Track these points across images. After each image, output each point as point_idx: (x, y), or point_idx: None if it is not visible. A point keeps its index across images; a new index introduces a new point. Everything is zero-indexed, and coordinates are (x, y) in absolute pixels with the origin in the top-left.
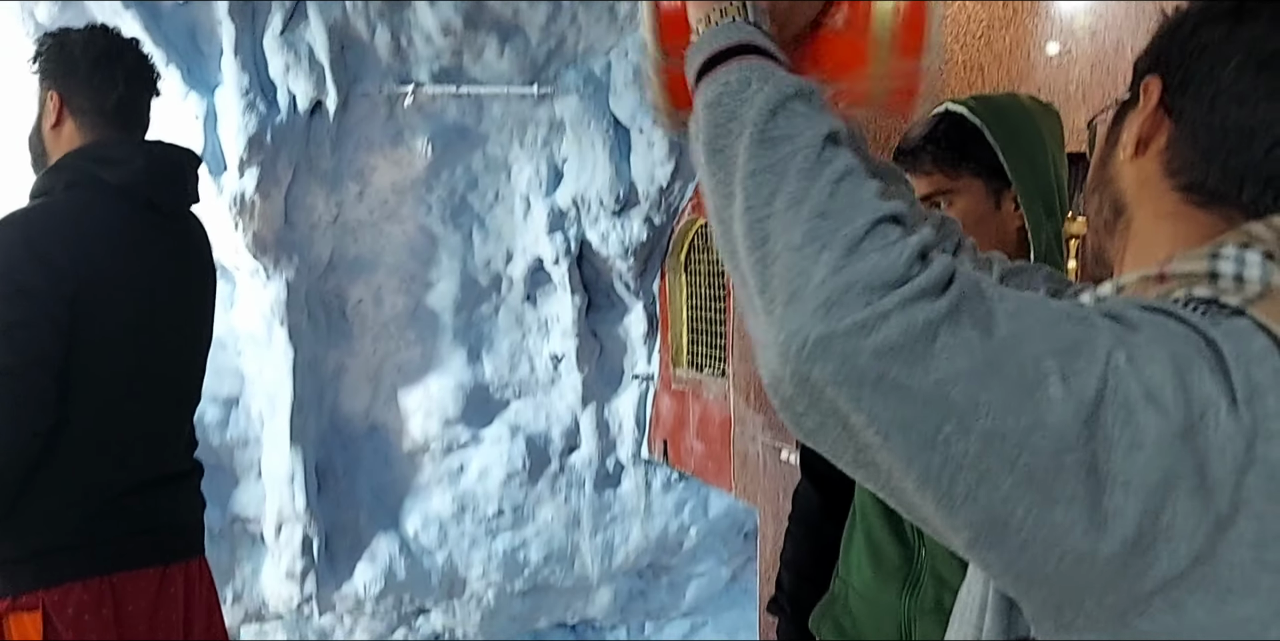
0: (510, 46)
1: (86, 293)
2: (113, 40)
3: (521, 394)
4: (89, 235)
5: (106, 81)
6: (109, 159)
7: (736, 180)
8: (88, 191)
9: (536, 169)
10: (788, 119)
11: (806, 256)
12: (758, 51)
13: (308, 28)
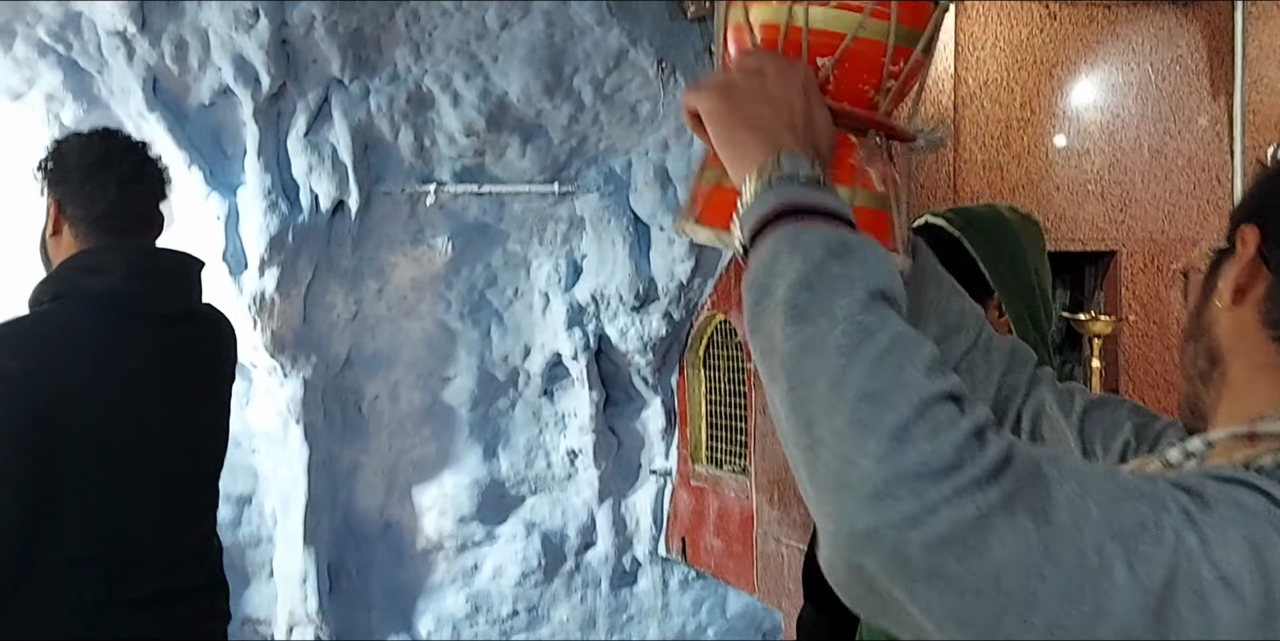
0: (532, 146)
1: (57, 407)
2: (110, 145)
3: (537, 490)
4: (61, 348)
5: (98, 188)
6: (93, 267)
7: (778, 361)
8: (72, 302)
9: (556, 265)
10: (823, 286)
11: (852, 444)
12: (795, 212)
13: (332, 128)
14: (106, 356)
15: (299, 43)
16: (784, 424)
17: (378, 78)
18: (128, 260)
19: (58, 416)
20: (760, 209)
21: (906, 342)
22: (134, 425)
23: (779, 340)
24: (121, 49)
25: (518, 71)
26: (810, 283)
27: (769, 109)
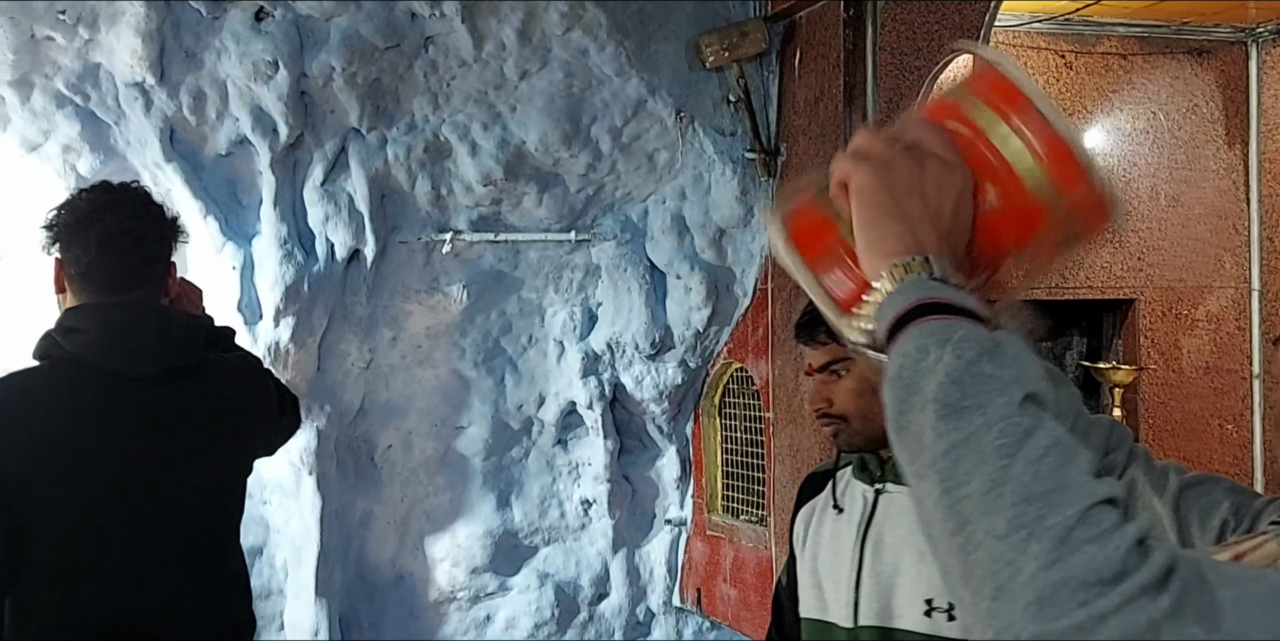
0: (549, 194)
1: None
2: (99, 201)
3: (551, 540)
4: (27, 411)
5: (80, 246)
6: (70, 328)
7: (927, 459)
8: (52, 363)
9: (571, 313)
10: (976, 385)
11: (1012, 547)
12: (940, 308)
13: (349, 178)
14: (85, 419)
15: (317, 93)
16: (933, 524)
17: (395, 127)
18: (103, 320)
19: (27, 482)
20: (901, 302)
21: (1065, 445)
22: (110, 491)
23: (930, 438)
24: (139, 100)
25: (536, 121)
26: (962, 380)
27: (919, 204)
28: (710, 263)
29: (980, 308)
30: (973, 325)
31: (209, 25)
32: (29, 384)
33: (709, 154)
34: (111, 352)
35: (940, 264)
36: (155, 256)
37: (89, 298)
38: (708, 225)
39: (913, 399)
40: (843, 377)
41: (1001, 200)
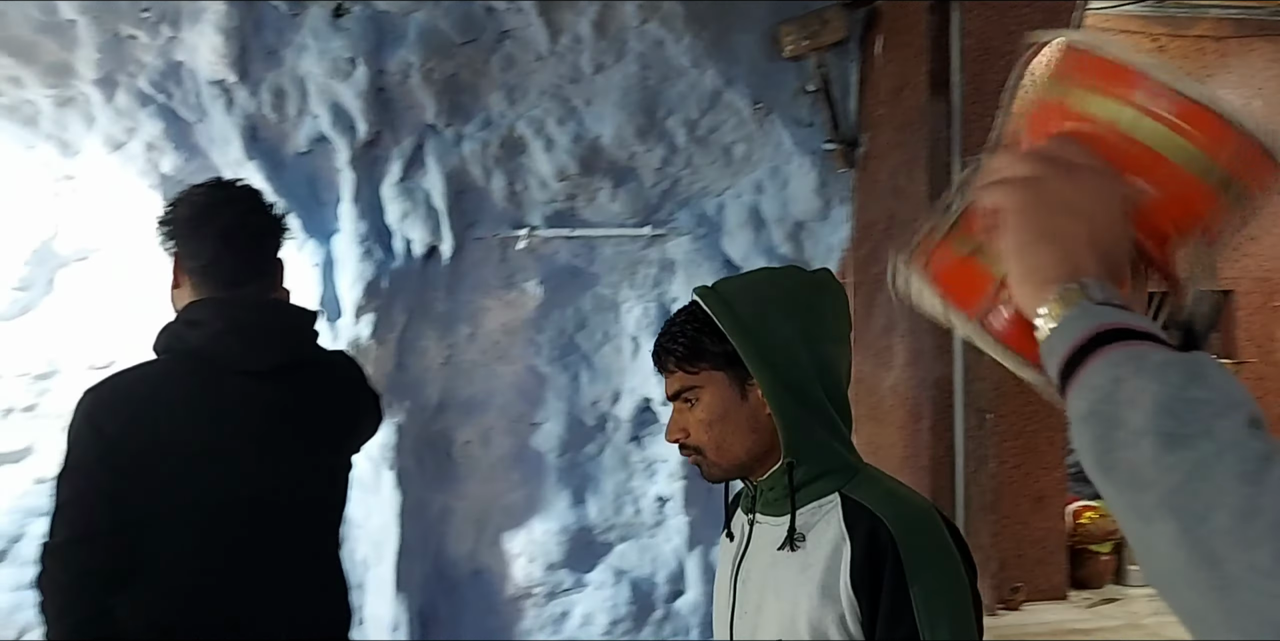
0: (624, 189)
1: (145, 463)
2: (216, 195)
3: (626, 537)
4: (152, 403)
5: (202, 240)
6: (193, 321)
7: (1153, 498)
8: (174, 356)
9: (646, 309)
10: (1192, 412)
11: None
12: (1119, 334)
13: (425, 175)
14: (205, 413)
15: (395, 90)
16: (1173, 566)
17: (471, 123)
18: (226, 314)
19: (146, 473)
20: (1073, 334)
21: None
22: (225, 483)
23: (1153, 474)
24: (221, 98)
25: (611, 115)
26: (1175, 408)
27: (1074, 223)
28: (788, 257)
29: (1160, 332)
30: (1161, 348)
31: (289, 22)
32: (151, 377)
33: (787, 145)
34: (233, 347)
35: (1102, 286)
36: (270, 251)
37: (208, 292)
38: (785, 218)
39: (1116, 434)
40: (694, 406)
41: (1156, 188)
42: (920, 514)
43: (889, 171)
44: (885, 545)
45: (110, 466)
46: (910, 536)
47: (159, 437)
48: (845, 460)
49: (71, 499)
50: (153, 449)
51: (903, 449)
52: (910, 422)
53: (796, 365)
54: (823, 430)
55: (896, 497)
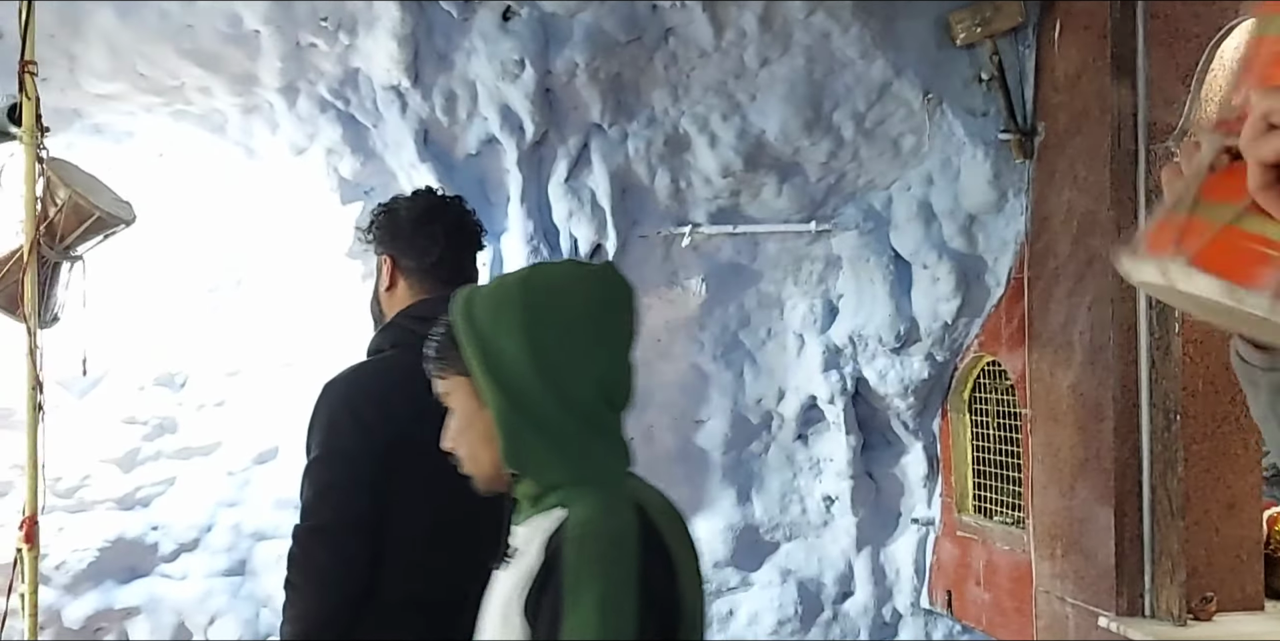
0: (789, 184)
1: (395, 453)
2: (434, 200)
3: (793, 536)
4: (401, 395)
5: (428, 240)
6: (429, 316)
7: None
8: (410, 351)
9: (811, 306)
10: None
11: None
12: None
13: (591, 173)
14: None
15: (561, 90)
16: None
17: (636, 121)
18: None
19: (396, 462)
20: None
21: None
22: (451, 482)
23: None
24: (395, 103)
25: (776, 109)
26: None
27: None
28: (960, 251)
29: None
30: None
31: (459, 26)
32: (396, 369)
33: (959, 136)
34: None
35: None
36: (478, 253)
37: (430, 292)
38: (957, 211)
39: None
40: (452, 415)
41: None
42: (598, 537)
43: (1068, 161)
44: (557, 570)
45: (369, 453)
46: (579, 564)
47: (407, 428)
48: (576, 474)
49: (335, 483)
50: (401, 438)
51: (1082, 450)
52: (1091, 423)
53: (520, 375)
54: (547, 442)
55: (591, 518)
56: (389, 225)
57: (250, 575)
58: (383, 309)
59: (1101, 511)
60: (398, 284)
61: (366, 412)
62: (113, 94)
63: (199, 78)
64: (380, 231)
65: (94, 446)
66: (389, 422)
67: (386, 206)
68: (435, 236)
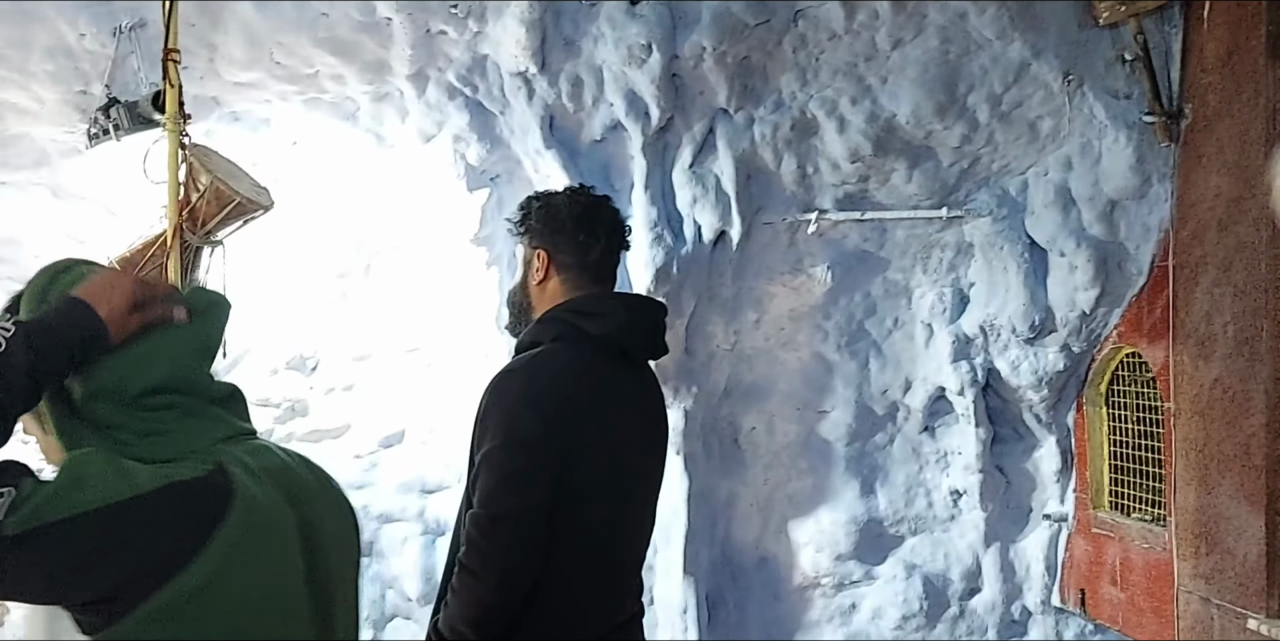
0: (919, 169)
1: (569, 443)
2: (595, 199)
3: (918, 530)
4: (574, 385)
5: (590, 237)
6: (592, 312)
7: None
8: (573, 344)
9: (940, 294)
10: None
11: None
12: None
13: (716, 159)
14: (606, 398)
15: (688, 75)
16: None
17: (762, 106)
18: (625, 306)
19: (570, 452)
20: None
21: None
22: (618, 463)
23: None
24: (522, 89)
25: (908, 92)
26: None
27: None
28: (1099, 238)
29: None
30: None
31: (586, 12)
32: (571, 362)
33: (1100, 119)
34: (633, 336)
35: None
36: (626, 249)
37: (584, 288)
38: (1097, 197)
39: None
40: None
41: None
42: None
43: (1217, 144)
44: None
45: (547, 443)
46: None
47: (580, 421)
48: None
49: (519, 471)
50: (576, 431)
51: (1230, 446)
52: (1240, 418)
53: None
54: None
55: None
56: (548, 220)
57: (377, 556)
58: (531, 301)
59: (1250, 509)
60: (551, 278)
61: (544, 404)
62: (250, 82)
63: (332, 66)
64: (538, 225)
65: None
66: (565, 415)
67: (543, 200)
68: (596, 235)
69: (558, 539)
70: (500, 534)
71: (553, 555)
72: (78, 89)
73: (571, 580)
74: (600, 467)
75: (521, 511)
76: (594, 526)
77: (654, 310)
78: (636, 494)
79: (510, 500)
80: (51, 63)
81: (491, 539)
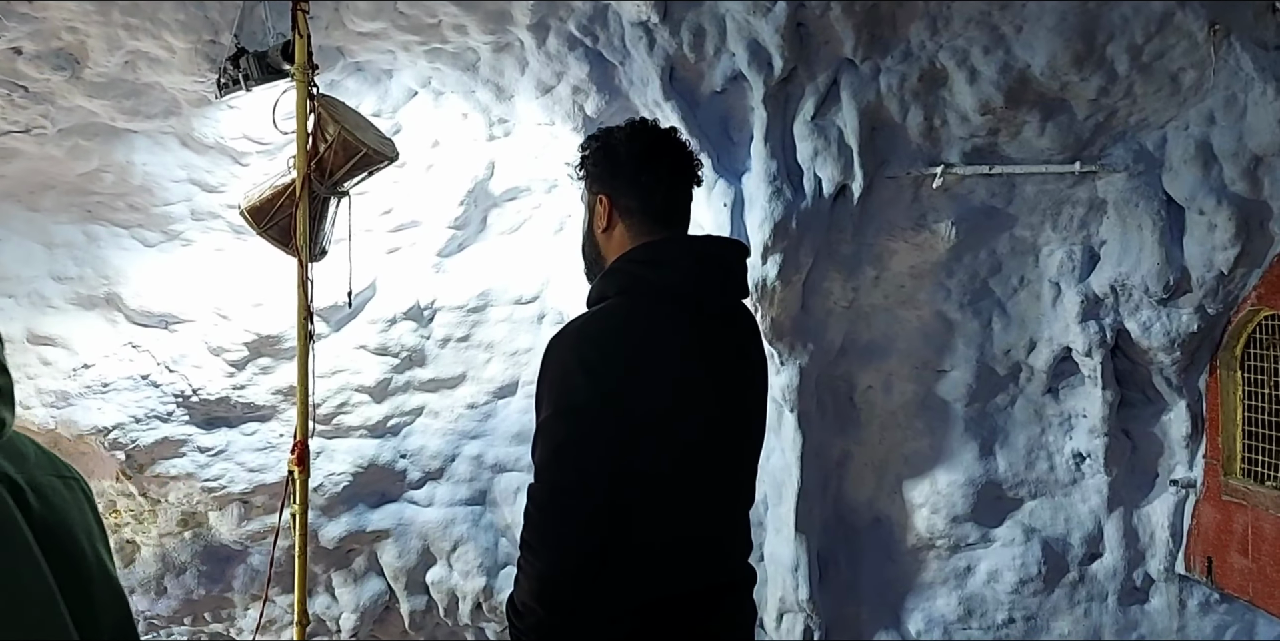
0: (1053, 122)
1: (634, 402)
2: (654, 135)
3: (1038, 494)
4: (637, 343)
5: (652, 179)
6: (659, 261)
7: None
8: (639, 296)
9: (1070, 252)
10: None
11: None
12: None
13: (839, 111)
14: (678, 351)
15: (813, 24)
16: None
17: (890, 56)
18: (693, 252)
19: (635, 411)
20: None
21: None
22: (697, 419)
23: None
24: (643, 39)
25: (1044, 42)
26: None
27: None
28: (1242, 196)
29: None
30: None
31: None
32: (636, 319)
33: (1246, 71)
34: (705, 285)
35: None
36: (696, 186)
37: (651, 233)
38: (1240, 153)
39: None
40: None
41: None
42: None
43: None
44: None
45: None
46: None
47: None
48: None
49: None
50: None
51: None
52: None
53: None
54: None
55: None
56: (607, 162)
57: (491, 505)
58: (599, 250)
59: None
60: (615, 225)
61: (599, 365)
62: (374, 32)
63: (455, 15)
64: (596, 168)
65: (350, 376)
66: (627, 379)
67: (601, 140)
68: (660, 174)
69: (629, 508)
70: (556, 508)
71: (625, 524)
72: (207, 38)
73: (647, 548)
74: (672, 425)
75: (577, 484)
76: (670, 493)
77: (729, 253)
78: (722, 457)
79: (565, 473)
80: (183, 12)
81: (548, 513)
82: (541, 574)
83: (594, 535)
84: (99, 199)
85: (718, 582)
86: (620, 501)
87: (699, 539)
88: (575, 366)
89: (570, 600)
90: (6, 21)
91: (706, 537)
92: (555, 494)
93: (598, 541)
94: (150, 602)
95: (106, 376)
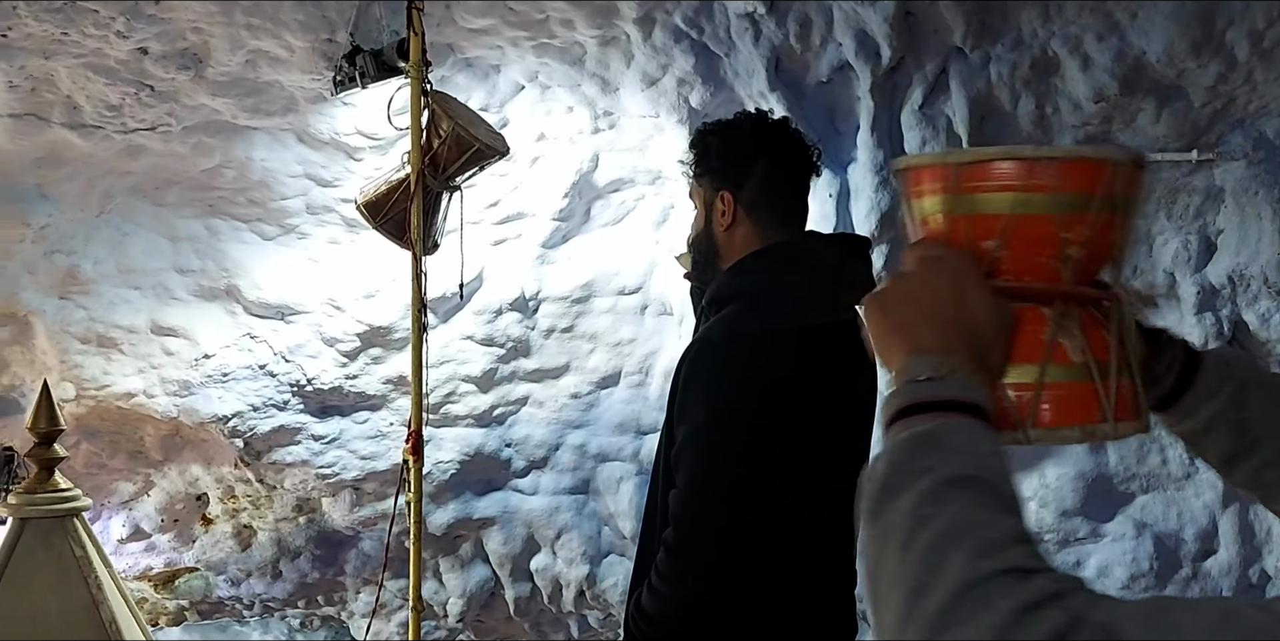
0: (1169, 110)
1: (777, 407)
2: (775, 126)
3: (1150, 488)
4: (781, 350)
5: (781, 175)
6: (793, 259)
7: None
8: (775, 297)
9: (1185, 242)
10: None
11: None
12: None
13: (948, 101)
14: (816, 353)
15: (922, 13)
16: None
17: (1000, 44)
18: (828, 250)
19: (778, 415)
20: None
21: (959, 528)
22: (832, 428)
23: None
24: (749, 30)
25: (1160, 28)
26: (888, 481)
27: (911, 309)
28: None
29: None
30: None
31: None
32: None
33: None
34: (837, 284)
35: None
36: (817, 177)
37: (774, 228)
38: None
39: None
40: None
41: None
42: None
43: None
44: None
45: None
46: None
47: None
48: None
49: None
50: (786, 392)
51: None
52: None
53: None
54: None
55: None
56: (729, 156)
57: (594, 494)
58: (719, 249)
59: None
60: (741, 223)
61: (750, 372)
62: (484, 28)
63: (563, 10)
64: (719, 164)
65: (457, 366)
66: (773, 383)
67: (720, 134)
68: (787, 169)
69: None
70: (706, 512)
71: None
72: (325, 37)
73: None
74: (809, 433)
75: (729, 489)
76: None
77: (859, 250)
78: (849, 454)
79: (720, 477)
80: (301, 12)
81: (698, 517)
82: (690, 576)
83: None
84: (220, 194)
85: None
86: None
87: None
88: (726, 371)
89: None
90: (134, 23)
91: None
92: (709, 500)
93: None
94: (266, 586)
95: (226, 366)
